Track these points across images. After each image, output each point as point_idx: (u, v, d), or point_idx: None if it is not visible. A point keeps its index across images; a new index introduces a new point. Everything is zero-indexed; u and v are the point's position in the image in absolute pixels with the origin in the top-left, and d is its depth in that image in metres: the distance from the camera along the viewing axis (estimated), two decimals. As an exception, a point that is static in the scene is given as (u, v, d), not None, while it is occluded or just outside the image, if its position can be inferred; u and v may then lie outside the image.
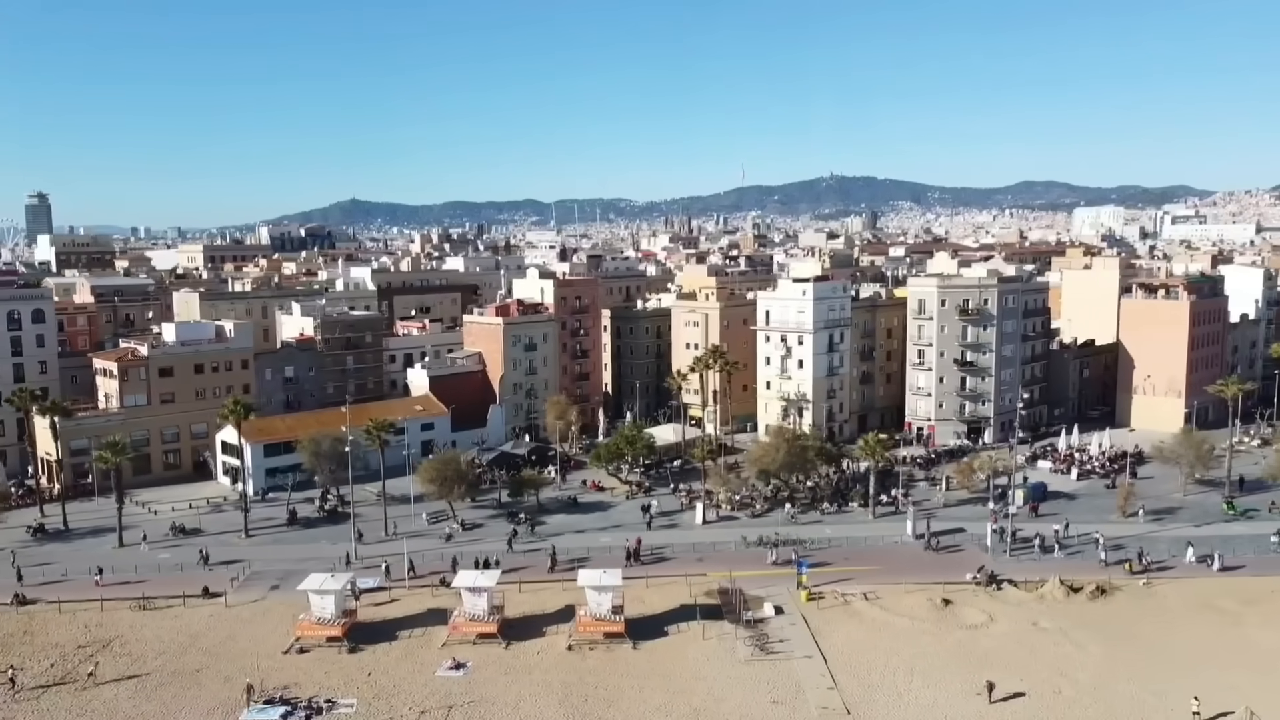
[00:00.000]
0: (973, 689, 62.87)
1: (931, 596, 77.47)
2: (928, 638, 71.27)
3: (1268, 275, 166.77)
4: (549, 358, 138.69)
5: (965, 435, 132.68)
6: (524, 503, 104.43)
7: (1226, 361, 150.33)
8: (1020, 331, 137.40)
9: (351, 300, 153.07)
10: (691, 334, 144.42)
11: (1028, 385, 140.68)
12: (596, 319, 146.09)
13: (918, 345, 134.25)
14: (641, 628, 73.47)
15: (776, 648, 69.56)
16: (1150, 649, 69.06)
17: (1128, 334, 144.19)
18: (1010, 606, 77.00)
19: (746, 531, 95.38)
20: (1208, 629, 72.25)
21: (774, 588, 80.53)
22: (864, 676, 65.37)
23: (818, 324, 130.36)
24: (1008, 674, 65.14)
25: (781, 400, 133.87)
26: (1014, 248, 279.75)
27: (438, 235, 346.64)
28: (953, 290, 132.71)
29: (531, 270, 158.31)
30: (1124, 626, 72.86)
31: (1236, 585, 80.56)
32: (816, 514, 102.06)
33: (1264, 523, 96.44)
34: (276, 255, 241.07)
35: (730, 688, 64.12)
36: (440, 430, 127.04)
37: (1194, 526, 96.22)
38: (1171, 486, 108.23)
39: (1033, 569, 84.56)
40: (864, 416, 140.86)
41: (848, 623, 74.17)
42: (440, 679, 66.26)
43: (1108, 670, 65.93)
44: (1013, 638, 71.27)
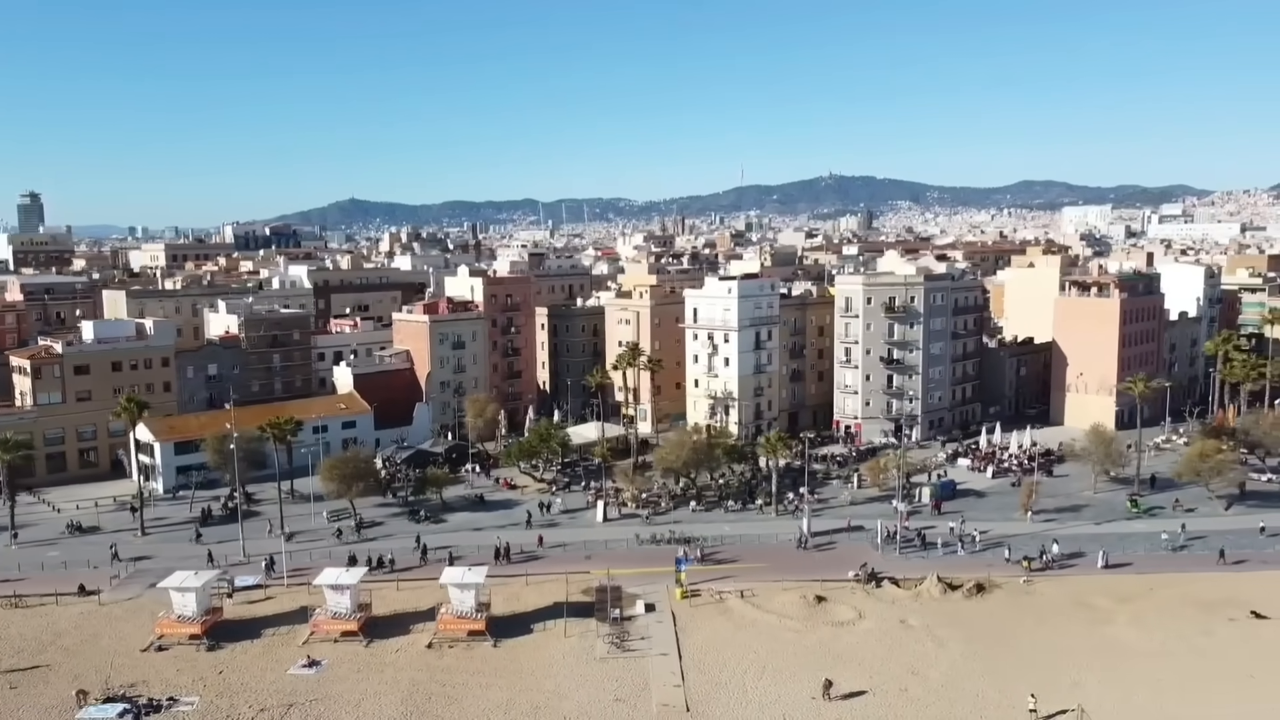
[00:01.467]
0: (820, 687, 62.48)
1: (806, 594, 76.96)
2: (791, 635, 70.83)
3: (1209, 273, 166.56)
4: (478, 355, 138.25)
5: (893, 433, 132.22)
6: (429, 501, 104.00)
7: (1164, 359, 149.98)
8: (950, 329, 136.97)
9: (286, 298, 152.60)
10: (624, 332, 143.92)
11: (959, 383, 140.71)
12: (529, 317, 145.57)
13: (845, 343, 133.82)
14: (509, 625, 73.14)
15: (635, 645, 69.11)
16: (1011, 647, 68.62)
17: (1061, 332, 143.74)
18: (883, 604, 76.56)
19: (647, 529, 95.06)
20: (1075, 627, 71.77)
21: (653, 586, 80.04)
22: (715, 674, 64.92)
23: (743, 322, 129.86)
24: (860, 671, 64.82)
25: (709, 398, 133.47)
26: (975, 246, 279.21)
27: (406, 234, 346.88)
28: (878, 288, 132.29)
29: (462, 268, 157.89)
30: (992, 625, 72.43)
31: (1118, 583, 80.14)
32: (720, 512, 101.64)
33: (1167, 520, 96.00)
34: (236, 254, 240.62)
35: (577, 685, 63.68)
36: (363, 428, 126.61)
37: (1094, 524, 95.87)
38: (1086, 484, 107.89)
39: (921, 566, 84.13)
40: (795, 414, 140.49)
41: (716, 620, 73.72)
42: (291, 677, 65.82)
43: (962, 668, 65.52)
44: (876, 635, 70.84)
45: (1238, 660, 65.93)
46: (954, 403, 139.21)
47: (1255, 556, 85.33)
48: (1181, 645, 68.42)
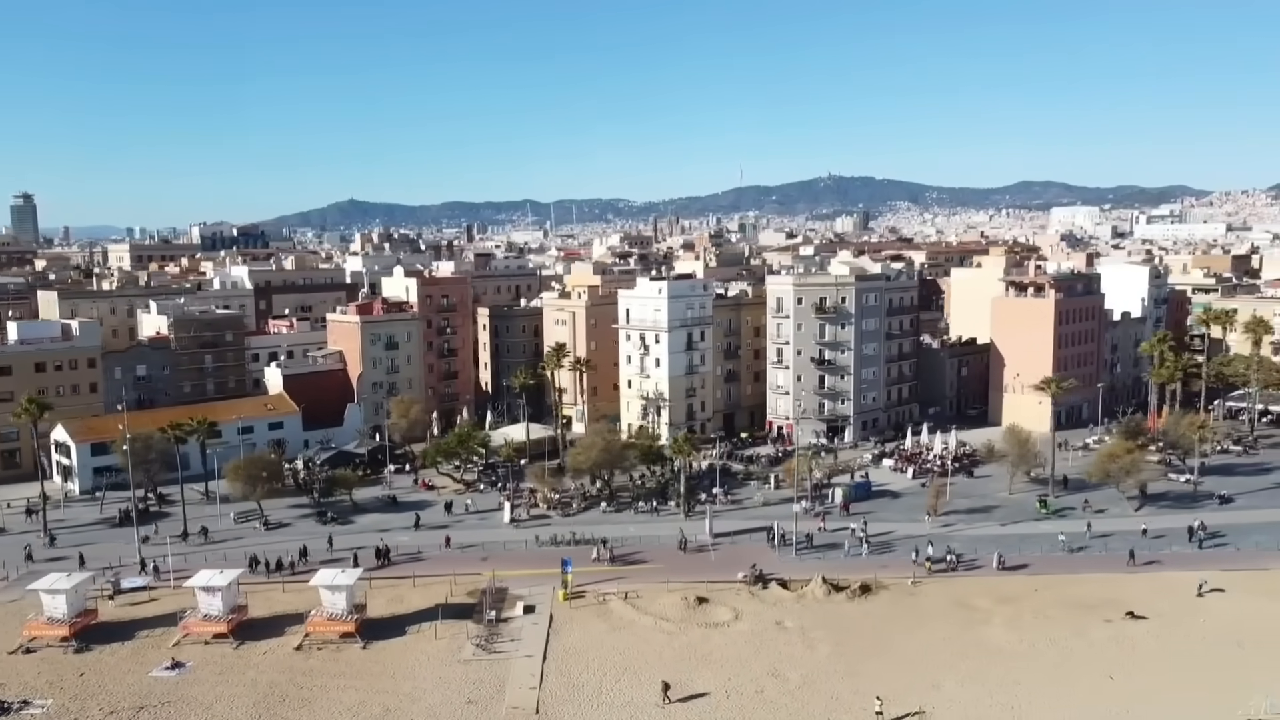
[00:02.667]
0: (680, 689, 62.25)
1: (688, 596, 76.58)
2: (663, 637, 70.48)
3: (1155, 273, 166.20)
4: (412, 356, 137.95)
5: (825, 434, 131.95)
6: (341, 502, 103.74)
7: (1104, 359, 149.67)
8: (884, 330, 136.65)
9: (226, 299, 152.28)
10: (560, 333, 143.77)
11: (894, 384, 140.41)
12: (465, 318, 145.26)
13: (776, 344, 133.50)
14: (385, 627, 72.86)
15: (503, 647, 68.77)
16: (881, 649, 68.25)
17: (998, 332, 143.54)
18: (765, 606, 76.24)
19: (557, 530, 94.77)
20: (950, 628, 71.42)
21: (541, 587, 79.74)
22: (575, 676, 64.57)
23: (673, 322, 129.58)
24: (720, 673, 64.53)
25: (641, 399, 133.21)
26: (939, 247, 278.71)
27: (378, 235, 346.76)
28: (809, 289, 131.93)
29: (398, 269, 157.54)
30: (869, 626, 72.09)
31: (1005, 584, 79.87)
32: (630, 513, 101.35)
33: (1074, 521, 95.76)
34: (199, 255, 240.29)
35: (434, 687, 63.34)
36: (291, 429, 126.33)
37: (1000, 525, 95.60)
38: (1005, 485, 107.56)
39: (816, 568, 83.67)
40: (731, 415, 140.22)
41: (592, 622, 73.38)
42: (151, 679, 65.42)
43: (825, 669, 65.19)
44: (747, 637, 70.50)
45: (1102, 662, 65.64)
46: (889, 403, 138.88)
47: (1143, 557, 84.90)
48: (1051, 647, 68.10)
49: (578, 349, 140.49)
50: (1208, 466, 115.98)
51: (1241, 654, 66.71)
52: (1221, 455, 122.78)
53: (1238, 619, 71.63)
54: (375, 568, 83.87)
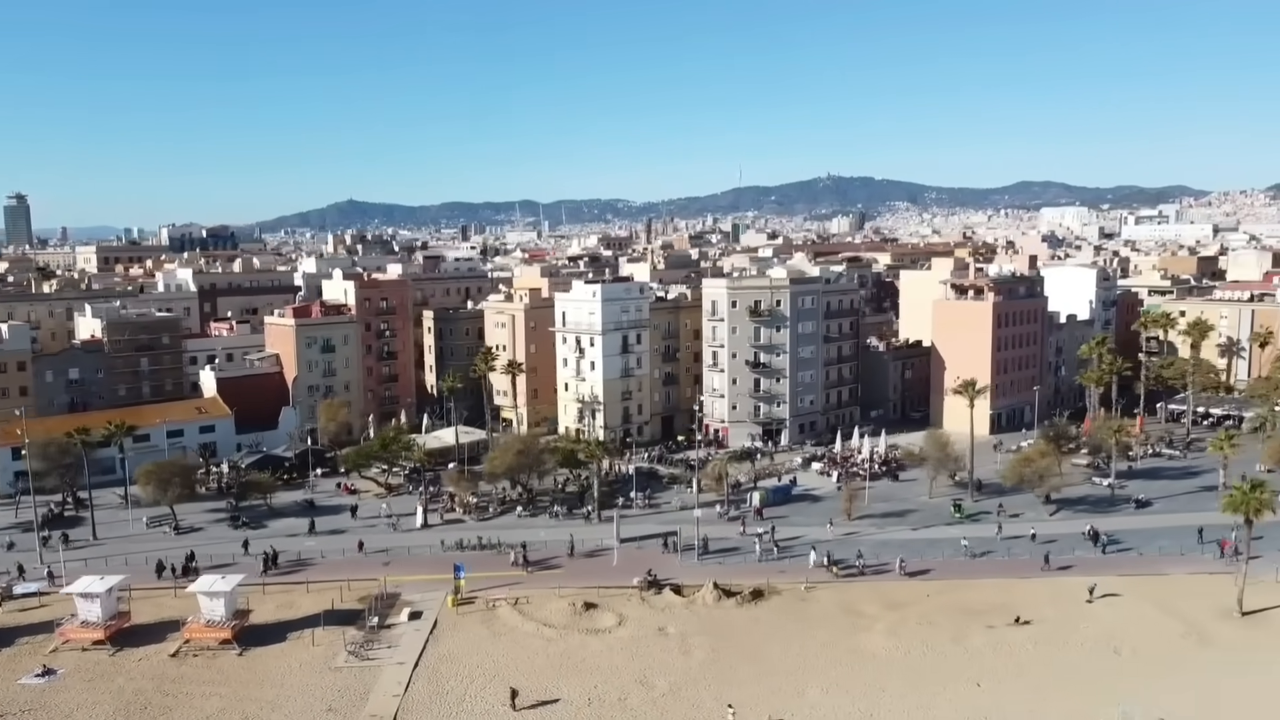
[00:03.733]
0: (539, 695, 62.05)
1: (576, 602, 76.32)
2: (540, 644, 70.16)
3: (1103, 275, 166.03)
4: (350, 359, 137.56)
5: (760, 437, 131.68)
6: (257, 507, 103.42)
7: (1047, 363, 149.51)
8: (822, 333, 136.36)
9: (169, 302, 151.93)
10: (501, 335, 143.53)
11: (833, 386, 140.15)
12: (405, 320, 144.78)
13: (711, 347, 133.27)
14: (269, 633, 72.49)
15: (378, 654, 68.46)
16: (758, 655, 67.95)
17: (939, 335, 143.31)
18: (653, 611, 75.93)
19: (463, 535, 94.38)
20: (832, 634, 71.12)
21: (435, 593, 79.40)
22: (442, 684, 64.26)
23: (607, 325, 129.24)
24: (588, 680, 64.29)
25: (578, 401, 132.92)
26: (905, 248, 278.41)
27: (350, 237, 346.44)
28: (743, 291, 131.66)
29: (337, 271, 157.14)
30: (751, 632, 71.79)
31: (899, 589, 79.59)
32: (545, 517, 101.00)
33: (988, 526, 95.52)
34: (164, 257, 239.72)
35: (298, 694, 63.02)
36: (223, 432, 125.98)
37: (910, 530, 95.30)
38: (927, 489, 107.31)
39: (715, 573, 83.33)
40: (670, 418, 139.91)
41: (475, 629, 73.04)
42: (19, 687, 65.06)
43: (695, 677, 64.88)
44: (625, 643, 70.21)
45: (975, 669, 65.39)
46: (828, 406, 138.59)
47: (1046, 562, 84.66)
48: (927, 653, 67.85)
49: (517, 352, 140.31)
50: (1135, 470, 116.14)
51: (1116, 661, 66.53)
52: (1154, 458, 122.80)
53: (1121, 626, 71.38)
54: (265, 573, 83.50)
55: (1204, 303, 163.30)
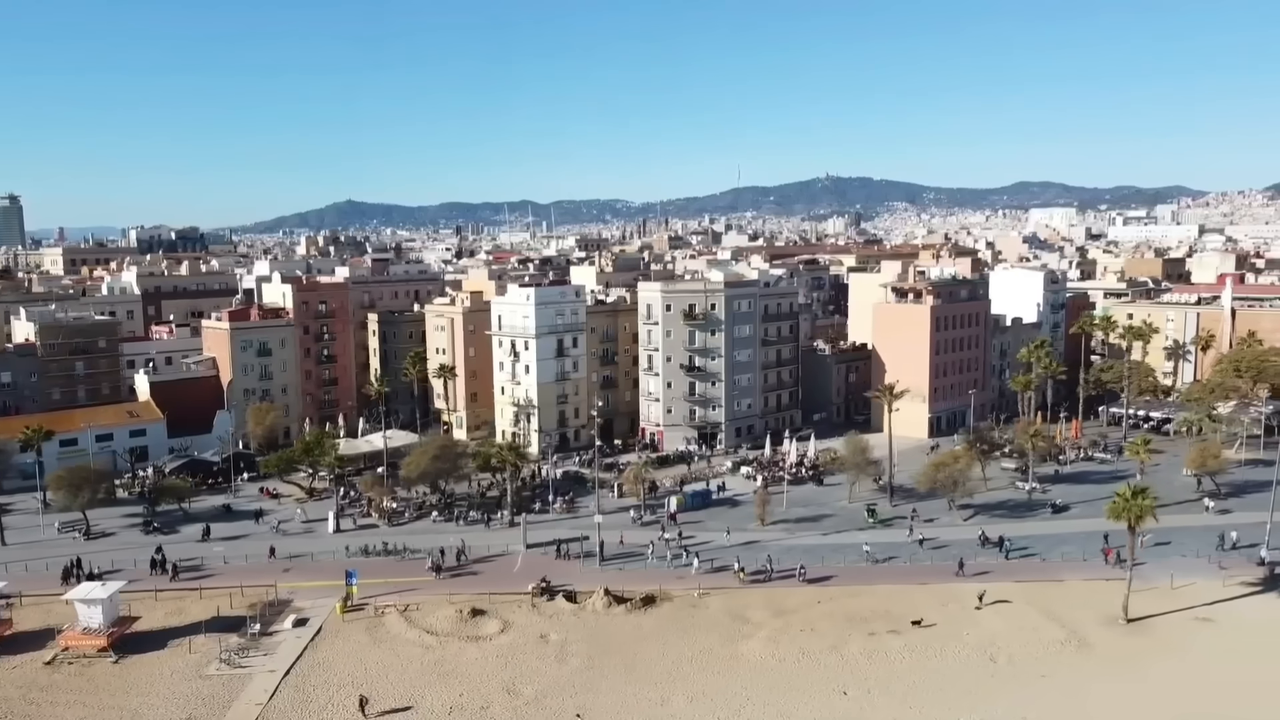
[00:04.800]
0: (400, 702, 61.89)
1: (464, 609, 76.04)
2: (419, 651, 69.89)
3: (1051, 278, 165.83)
4: (288, 363, 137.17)
5: (696, 440, 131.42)
6: (173, 512, 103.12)
7: (991, 366, 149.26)
8: (759, 336, 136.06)
9: (111, 305, 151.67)
10: (440, 339, 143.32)
11: (772, 390, 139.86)
12: (345, 324, 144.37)
13: (647, 350, 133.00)
14: (149, 640, 72.19)
15: (252, 661, 68.21)
16: (631, 663, 67.72)
17: (879, 338, 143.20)
18: (540, 618, 75.66)
19: (369, 540, 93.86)
20: (712, 642, 70.79)
21: (327, 599, 79.13)
22: (310, 692, 63.99)
23: (541, 329, 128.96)
24: (455, 688, 64.16)
25: (513, 405, 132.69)
26: (871, 250, 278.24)
27: (324, 238, 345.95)
28: (677, 295, 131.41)
29: (276, 274, 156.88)
30: (633, 639, 71.51)
31: (791, 596, 79.28)
32: (460, 522, 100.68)
33: (900, 531, 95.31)
34: (127, 259, 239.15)
35: (161, 703, 62.71)
36: (154, 436, 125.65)
37: (821, 535, 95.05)
38: (848, 492, 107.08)
39: (614, 579, 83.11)
40: (609, 421, 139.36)
41: (357, 636, 72.73)
42: (-114, 695, 64.91)
43: (563, 685, 64.64)
44: (503, 650, 69.95)
45: (846, 677, 65.21)
46: (766, 409, 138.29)
47: (947, 568, 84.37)
48: (802, 661, 67.63)
49: (456, 355, 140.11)
50: (1063, 474, 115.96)
51: (990, 669, 66.38)
52: (1086, 462, 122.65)
53: (1003, 633, 71.18)
54: (173, 579, 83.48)
55: (1152, 306, 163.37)
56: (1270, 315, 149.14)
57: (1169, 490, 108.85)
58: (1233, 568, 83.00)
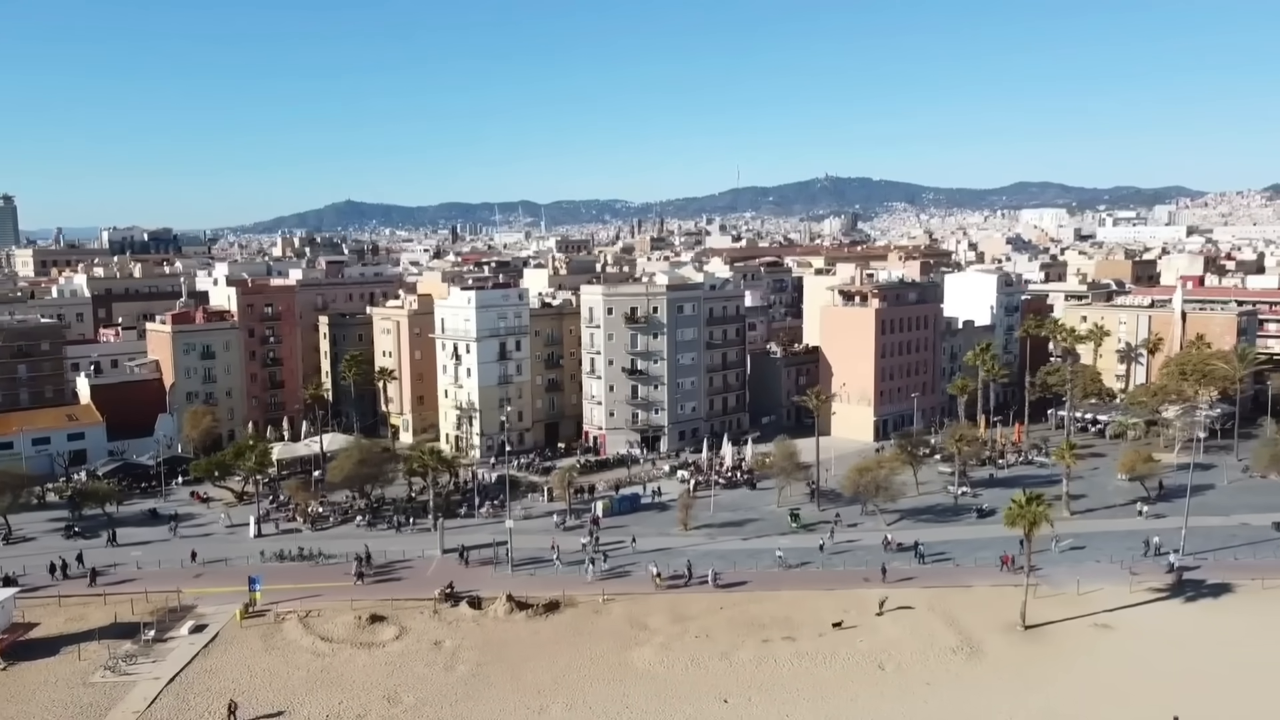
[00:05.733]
0: (269, 709, 61.72)
1: (363, 615, 75.75)
2: (309, 658, 69.59)
3: (1006, 281, 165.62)
4: (232, 366, 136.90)
5: (639, 444, 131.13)
6: (98, 516, 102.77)
7: (940, 368, 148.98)
8: (704, 340, 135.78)
9: (60, 308, 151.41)
10: (387, 342, 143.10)
11: (718, 393, 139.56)
12: (292, 326, 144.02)
13: (589, 354, 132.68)
14: (44, 647, 71.67)
15: (139, 669, 67.81)
16: (519, 671, 67.38)
17: (827, 341, 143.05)
18: (439, 624, 75.34)
19: (285, 545, 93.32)
20: (605, 649, 70.51)
21: (232, 605, 78.65)
22: (190, 700, 63.67)
23: (482, 331, 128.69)
24: (334, 695, 63.88)
25: (456, 408, 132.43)
26: (841, 252, 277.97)
27: (299, 240, 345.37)
28: (619, 298, 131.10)
29: (221, 277, 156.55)
30: (527, 646, 71.16)
31: (700, 601, 79.04)
32: (383, 527, 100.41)
33: (821, 535, 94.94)
34: (95, 260, 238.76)
35: (39, 712, 62.27)
36: (94, 439, 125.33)
37: (741, 540, 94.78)
38: (784, 497, 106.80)
39: (527, 584, 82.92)
40: (554, 425, 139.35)
41: (252, 643, 72.35)
42: None
43: (444, 693, 64.35)
44: (393, 657, 69.63)
45: (730, 684, 64.97)
46: (712, 413, 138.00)
47: (858, 574, 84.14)
48: (691, 668, 67.35)
49: (402, 358, 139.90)
50: (998, 478, 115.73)
51: (877, 677, 66.12)
52: (1025, 465, 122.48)
53: (897, 640, 70.92)
54: (91, 584, 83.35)
55: (1106, 309, 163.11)
56: (1220, 319, 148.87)
57: (1103, 494, 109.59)
58: (1144, 574, 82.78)
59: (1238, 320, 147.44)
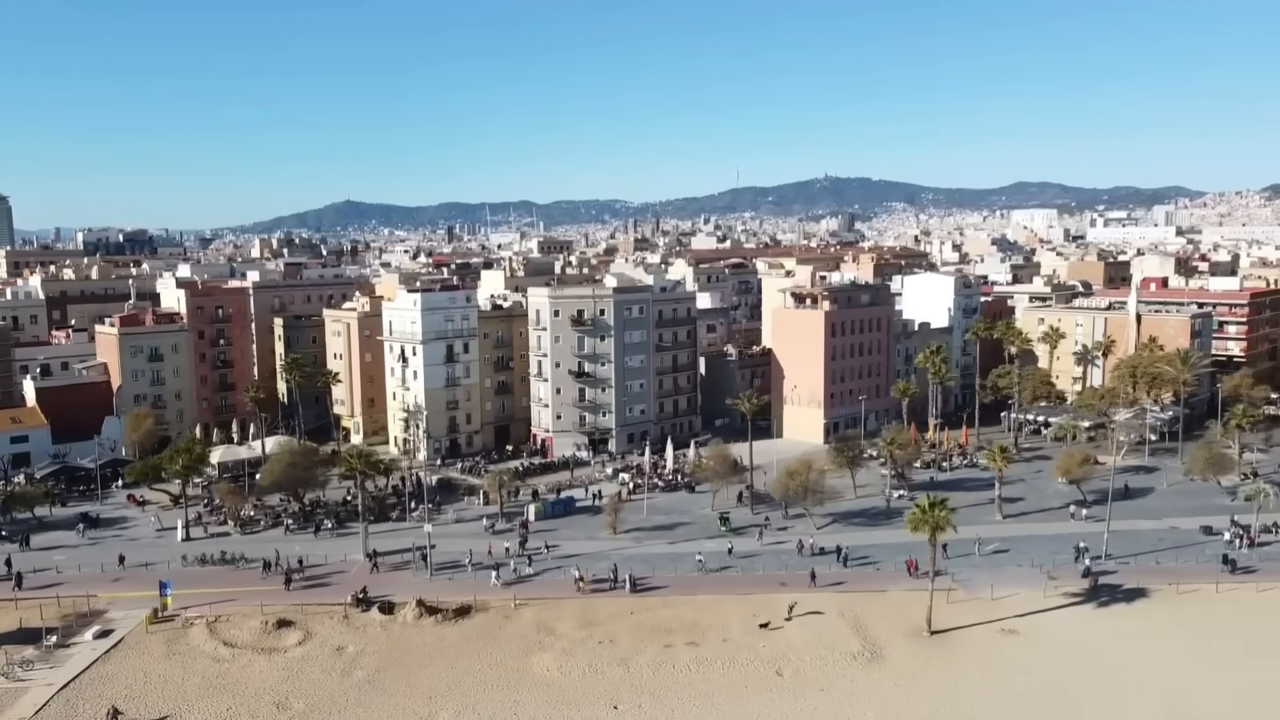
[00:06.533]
0: (153, 714, 61.53)
1: (270, 619, 75.50)
2: (209, 664, 69.36)
3: (964, 283, 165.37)
4: (181, 368, 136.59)
5: (586, 447, 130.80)
6: (28, 520, 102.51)
7: (894, 371, 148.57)
8: (653, 342, 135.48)
9: (15, 310, 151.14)
10: (337, 344, 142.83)
11: (668, 396, 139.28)
12: (243, 329, 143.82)
13: (536, 356, 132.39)
14: (-52, 653, 71.65)
15: (34, 675, 67.58)
16: (415, 677, 67.13)
17: (778, 343, 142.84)
18: (347, 629, 75.06)
19: (207, 549, 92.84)
20: (507, 655, 70.28)
21: (144, 610, 78.44)
22: (79, 707, 63.43)
23: (428, 334, 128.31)
24: (229, 700, 63.77)
25: (404, 411, 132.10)
26: (814, 253, 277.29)
27: (277, 241, 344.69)
28: (565, 301, 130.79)
29: (170, 279, 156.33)
30: (429, 652, 70.96)
31: (612, 605, 78.88)
32: (311, 532, 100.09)
33: (749, 539, 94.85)
34: (68, 262, 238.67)
35: (-76, 718, 62.31)
36: (38, 442, 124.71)
37: (668, 544, 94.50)
38: (719, 501, 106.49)
39: (445, 588, 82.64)
40: (505, 427, 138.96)
41: (154, 649, 72.06)
42: None
43: (335, 699, 64.19)
44: (293, 662, 69.41)
45: (624, 690, 64.86)
46: (662, 415, 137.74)
47: (777, 578, 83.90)
48: (588, 673, 67.19)
49: (352, 360, 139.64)
50: (938, 481, 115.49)
51: (773, 683, 65.98)
52: (970, 468, 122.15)
53: (800, 645, 70.74)
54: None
55: (1063, 311, 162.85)
56: (1174, 321, 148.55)
57: (1041, 498, 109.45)
58: (1062, 579, 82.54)
59: (1191, 323, 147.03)
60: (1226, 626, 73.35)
